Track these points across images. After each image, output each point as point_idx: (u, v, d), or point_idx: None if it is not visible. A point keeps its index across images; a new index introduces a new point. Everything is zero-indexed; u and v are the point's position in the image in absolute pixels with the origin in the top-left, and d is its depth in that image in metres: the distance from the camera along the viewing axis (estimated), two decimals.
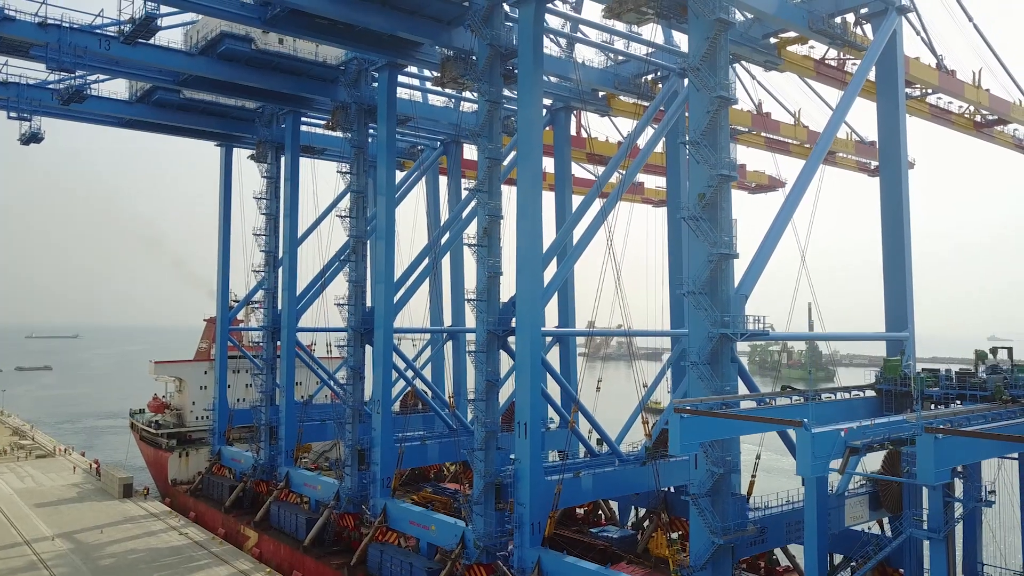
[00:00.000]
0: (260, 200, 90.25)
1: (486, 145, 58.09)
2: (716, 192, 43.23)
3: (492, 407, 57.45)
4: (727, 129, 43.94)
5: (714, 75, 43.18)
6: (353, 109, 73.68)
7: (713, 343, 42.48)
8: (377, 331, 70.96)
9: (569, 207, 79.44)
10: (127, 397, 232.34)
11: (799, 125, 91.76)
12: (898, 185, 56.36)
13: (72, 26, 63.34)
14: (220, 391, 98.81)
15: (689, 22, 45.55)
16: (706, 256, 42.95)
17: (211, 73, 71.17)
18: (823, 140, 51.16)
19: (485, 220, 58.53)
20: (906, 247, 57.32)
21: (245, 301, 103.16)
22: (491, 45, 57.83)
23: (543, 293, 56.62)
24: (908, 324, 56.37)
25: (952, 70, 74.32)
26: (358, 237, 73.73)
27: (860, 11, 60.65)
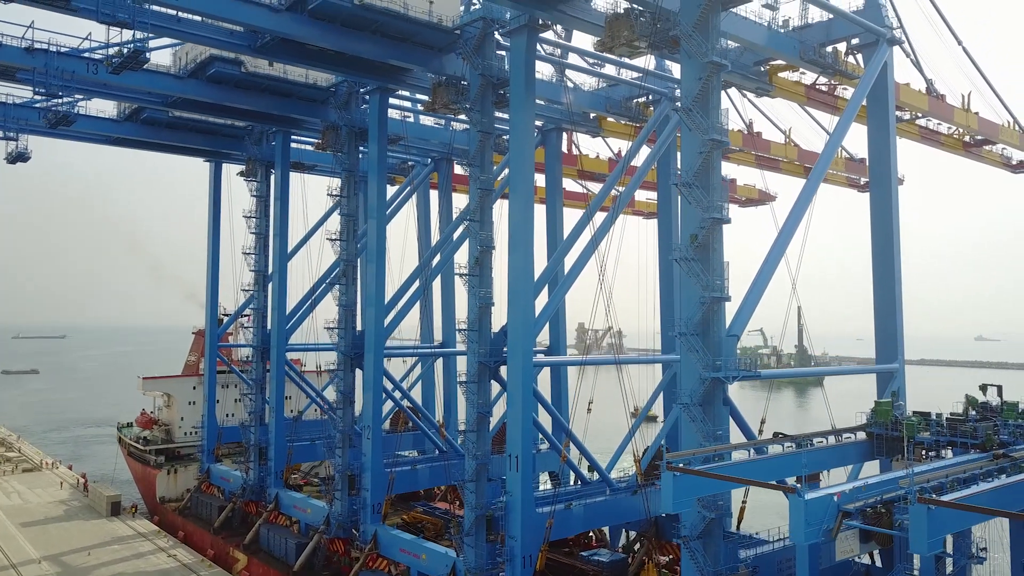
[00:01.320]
0: (249, 219, 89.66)
1: (478, 175, 57.88)
2: (708, 234, 43.19)
3: (483, 439, 57.30)
4: (719, 170, 43.92)
5: (707, 117, 43.12)
6: (344, 132, 73.30)
7: (705, 386, 42.50)
8: (367, 355, 70.62)
9: (561, 225, 79.36)
10: (115, 404, 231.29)
11: (789, 144, 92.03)
12: (888, 214, 56.81)
13: (59, 51, 62.82)
14: (209, 409, 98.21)
15: (681, 62, 45.51)
16: (698, 298, 42.93)
17: (200, 96, 70.64)
18: (814, 175, 51.18)
19: (477, 250, 58.35)
20: (896, 276, 57.68)
21: (234, 317, 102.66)
22: (483, 75, 57.63)
23: (535, 323, 56.57)
24: (898, 356, 56.69)
25: (942, 94, 74.65)
26: (348, 261, 73.36)
27: (851, 41, 60.85)
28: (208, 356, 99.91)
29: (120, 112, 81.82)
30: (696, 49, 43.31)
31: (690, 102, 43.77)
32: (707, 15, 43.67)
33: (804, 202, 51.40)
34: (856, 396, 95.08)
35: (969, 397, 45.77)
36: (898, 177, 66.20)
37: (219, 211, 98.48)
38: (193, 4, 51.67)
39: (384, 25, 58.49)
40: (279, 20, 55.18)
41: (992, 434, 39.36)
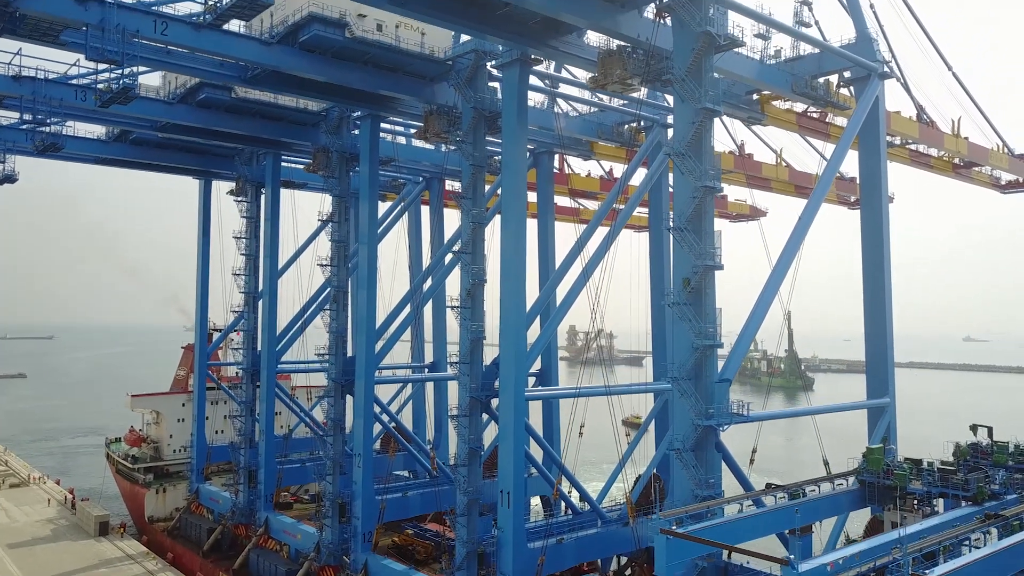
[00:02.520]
0: (240, 240, 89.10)
1: (470, 208, 57.66)
2: (701, 279, 43.13)
3: (474, 474, 57.10)
4: (712, 216, 43.86)
5: (700, 163, 43.04)
6: (335, 158, 72.88)
7: (698, 432, 42.45)
8: (358, 382, 70.24)
9: (552, 247, 79.35)
10: (103, 412, 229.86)
11: (780, 165, 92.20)
12: (880, 246, 56.79)
13: (47, 78, 62.27)
14: (198, 428, 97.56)
15: (674, 105, 45.42)
16: (691, 344, 42.86)
17: (190, 121, 70.13)
18: (805, 215, 51.12)
19: (469, 282, 58.14)
20: (887, 309, 57.79)
21: (223, 335, 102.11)
22: (475, 108, 57.41)
23: (527, 356, 56.42)
24: (889, 390, 56.83)
25: (932, 121, 74.98)
26: (339, 287, 72.99)
27: (843, 74, 60.95)
28: (197, 375, 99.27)
29: (109, 133, 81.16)
30: (689, 94, 43.23)
31: (683, 147, 43.67)
32: (700, 59, 43.56)
33: (796, 241, 51.48)
34: (846, 397, 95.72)
35: (960, 449, 45.87)
36: (888, 195, 66.54)
37: (209, 228, 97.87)
38: (183, 39, 51.20)
39: (376, 56, 58.29)
40: (270, 53, 54.85)
41: (983, 486, 39.46)
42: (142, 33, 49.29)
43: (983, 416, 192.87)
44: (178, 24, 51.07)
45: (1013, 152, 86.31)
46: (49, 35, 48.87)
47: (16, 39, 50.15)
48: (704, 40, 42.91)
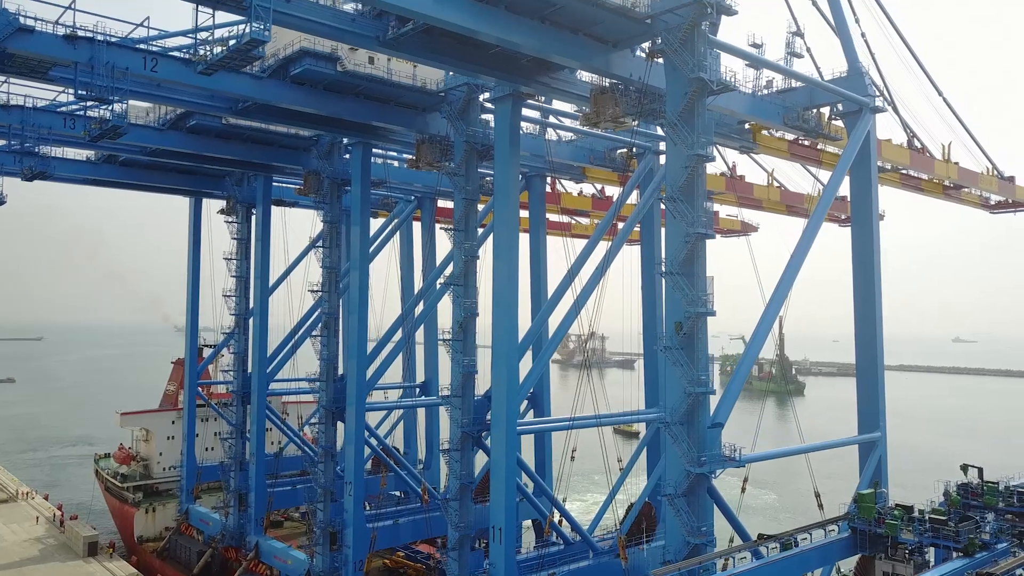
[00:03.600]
0: (230, 261, 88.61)
1: (462, 242, 57.47)
2: (693, 324, 43.10)
3: (466, 508, 56.94)
4: (704, 259, 43.80)
5: (692, 208, 43.00)
6: (326, 183, 72.56)
7: (690, 479, 42.43)
8: (349, 408, 70.00)
9: (544, 269, 79.35)
10: (93, 418, 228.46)
11: (772, 186, 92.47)
12: (872, 291, 56.89)
13: (36, 106, 61.79)
14: (188, 448, 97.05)
15: (667, 149, 45.36)
16: (683, 389, 42.83)
17: (180, 147, 69.73)
18: (795, 258, 51.13)
19: (461, 315, 57.97)
20: (878, 343, 57.90)
21: (214, 354, 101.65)
22: (468, 142, 57.23)
23: (519, 389, 56.24)
24: (880, 423, 56.96)
25: (923, 147, 75.29)
26: (330, 313, 72.66)
27: (835, 106, 61.03)
28: (187, 395, 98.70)
29: (98, 155, 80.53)
30: (682, 139, 43.18)
31: (675, 191, 43.61)
32: (693, 103, 43.52)
33: (791, 271, 51.61)
34: (836, 403, 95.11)
35: (952, 498, 46.01)
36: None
37: (199, 247, 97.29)
38: (173, 75, 50.83)
39: (368, 88, 58.01)
40: (261, 87, 54.55)
41: (974, 538, 39.59)
42: (132, 70, 48.91)
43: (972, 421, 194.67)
44: (168, 60, 50.74)
45: (1003, 175, 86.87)
46: (38, 72, 48.39)
47: (8, 74, 49.76)
48: (697, 86, 42.86)
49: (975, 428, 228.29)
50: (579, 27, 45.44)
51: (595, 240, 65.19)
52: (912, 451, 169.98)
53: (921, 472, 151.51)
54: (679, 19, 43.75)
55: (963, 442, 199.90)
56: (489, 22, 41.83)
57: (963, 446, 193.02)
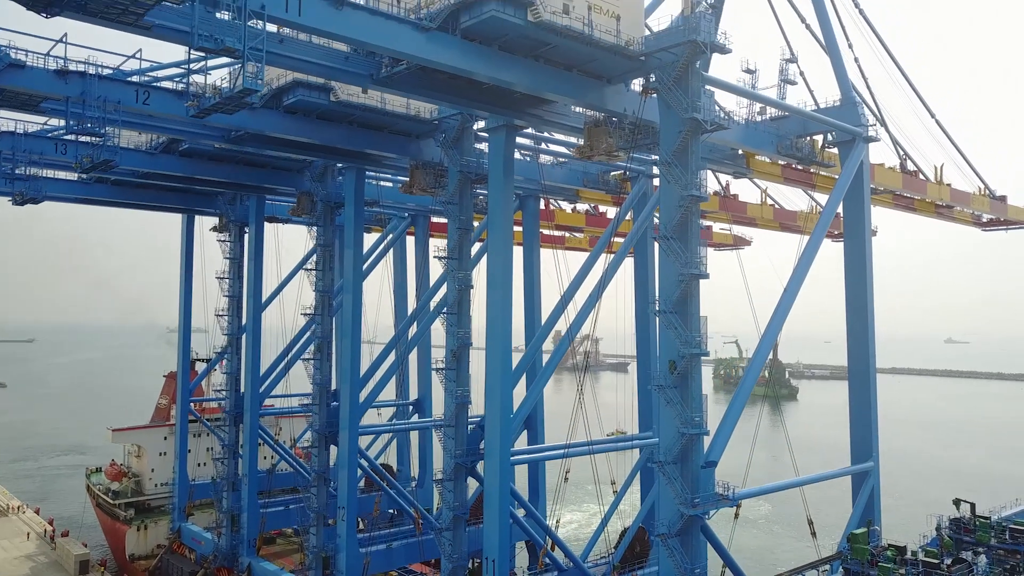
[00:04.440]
0: (222, 280, 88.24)
1: (456, 273, 57.34)
2: (687, 364, 43.09)
3: (459, 539, 56.81)
4: (698, 299, 43.77)
5: (686, 249, 42.97)
6: (319, 206, 72.33)
7: (684, 520, 42.42)
8: (342, 433, 69.80)
9: (538, 290, 79.18)
10: (85, 426, 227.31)
11: (765, 204, 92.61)
12: (865, 326, 57.11)
13: (27, 132, 61.46)
14: (180, 466, 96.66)
15: (661, 187, 45.31)
16: (676, 430, 42.82)
17: (173, 170, 69.44)
18: (788, 294, 51.22)
19: (454, 344, 57.84)
20: (871, 375, 58.08)
21: (206, 371, 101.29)
22: (462, 172, 57.11)
23: (513, 418, 56.14)
24: (873, 453, 57.10)
25: (915, 171, 75.53)
26: (323, 337, 72.43)
27: (828, 135, 61.15)
28: (180, 413, 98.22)
29: (89, 175, 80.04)
30: (676, 179, 43.15)
31: (669, 231, 43.58)
32: (687, 143, 43.50)
33: (784, 306, 51.85)
34: (829, 407, 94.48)
35: (945, 541, 46.07)
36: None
37: (191, 264, 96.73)
38: (165, 107, 50.59)
39: (361, 117, 57.81)
40: (255, 117, 54.27)
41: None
42: (124, 103, 48.69)
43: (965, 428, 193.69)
44: (160, 92, 50.51)
45: (994, 194, 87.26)
46: (29, 106, 48.13)
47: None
48: (691, 126, 42.86)
49: (966, 435, 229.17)
50: (573, 64, 45.39)
51: (588, 266, 65.21)
52: (905, 457, 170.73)
53: (912, 480, 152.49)
54: (673, 57, 43.76)
55: (954, 450, 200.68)
56: (482, 62, 41.74)
57: (954, 454, 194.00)
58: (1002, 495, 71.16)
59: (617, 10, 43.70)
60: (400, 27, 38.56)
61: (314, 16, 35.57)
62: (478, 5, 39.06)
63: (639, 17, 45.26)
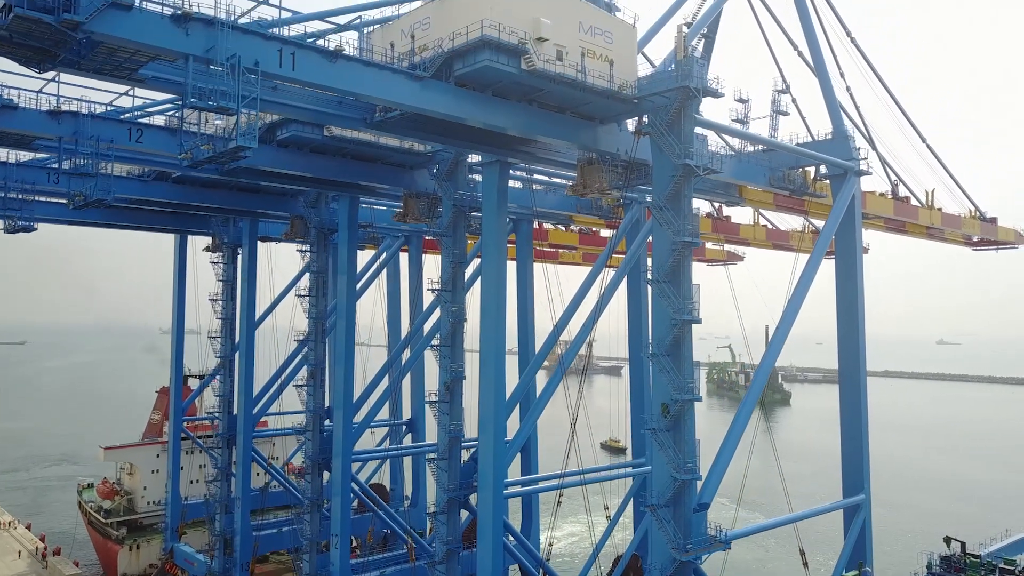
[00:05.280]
0: (215, 302, 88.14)
1: (449, 306, 57.40)
2: (680, 408, 43.28)
3: (452, 572, 56.89)
4: (690, 346, 43.97)
5: (679, 294, 43.16)
6: (313, 233, 72.30)
7: (676, 565, 42.61)
8: (335, 460, 69.77)
9: (532, 310, 79.48)
10: (77, 433, 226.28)
11: (758, 225, 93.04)
12: (856, 366, 57.35)
13: (19, 163, 61.32)
14: (173, 485, 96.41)
15: (654, 232, 45.49)
16: (669, 475, 43.01)
17: (166, 197, 69.30)
18: (780, 332, 51.49)
19: (447, 376, 57.90)
20: (863, 407, 58.37)
21: (198, 391, 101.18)
22: (456, 205, 57.18)
23: (507, 451, 56.20)
24: (864, 485, 57.40)
25: (906, 197, 76.05)
26: (317, 364, 72.40)
27: (820, 168, 61.47)
28: (173, 432, 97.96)
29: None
30: (668, 224, 43.34)
31: (661, 274, 43.76)
32: (679, 188, 43.69)
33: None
34: (822, 412, 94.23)
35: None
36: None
37: (184, 284, 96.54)
38: (158, 145, 50.64)
39: (355, 150, 57.82)
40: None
41: None
42: (117, 141, 48.69)
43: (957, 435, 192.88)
44: (153, 130, 50.49)
45: (984, 216, 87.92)
46: (21, 145, 48.11)
47: None
48: (683, 171, 43.05)
49: (956, 443, 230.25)
50: (566, 106, 45.55)
51: (581, 296, 65.43)
52: (895, 464, 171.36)
53: (902, 491, 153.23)
54: (666, 101, 43.94)
55: (943, 457, 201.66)
56: (475, 108, 41.86)
57: (943, 461, 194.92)
58: (993, 505, 71.56)
59: (610, 54, 43.91)
60: (394, 77, 38.66)
61: (308, 70, 35.61)
62: (472, 54, 39.17)
63: (632, 61, 45.47)
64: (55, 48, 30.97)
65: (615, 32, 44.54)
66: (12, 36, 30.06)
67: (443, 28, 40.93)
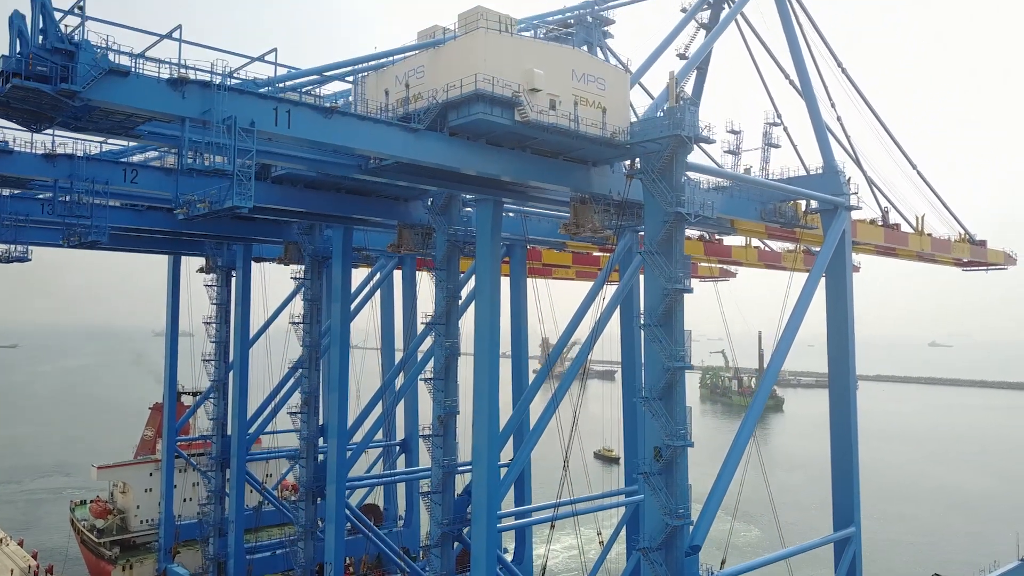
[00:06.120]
0: (209, 325, 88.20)
1: (443, 341, 57.70)
2: (671, 454, 43.70)
3: None
4: (683, 388, 44.40)
5: (671, 341, 43.58)
6: (307, 260, 72.52)
7: None
8: (329, 487, 69.98)
9: (525, 335, 79.80)
10: (70, 442, 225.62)
11: (749, 247, 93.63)
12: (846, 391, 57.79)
13: (12, 195, 61.31)
14: (166, 508, 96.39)
15: (646, 276, 45.89)
16: (660, 519, 43.43)
17: (158, 226, 69.50)
18: (770, 373, 51.97)
19: (440, 411, 58.19)
20: (853, 439, 58.89)
21: (192, 411, 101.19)
22: (450, 240, 57.49)
23: (500, 484, 56.49)
24: (855, 518, 57.93)
25: (896, 224, 76.77)
26: (311, 392, 72.58)
27: (810, 203, 62.00)
28: (166, 452, 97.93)
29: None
30: (660, 271, 43.76)
31: (653, 319, 44.18)
32: (671, 234, 44.11)
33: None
34: (814, 418, 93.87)
35: None
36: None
37: (178, 305, 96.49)
38: (153, 185, 50.92)
39: (348, 184, 58.05)
40: None
41: None
42: (112, 183, 48.87)
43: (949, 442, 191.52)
44: (148, 170, 50.69)
45: (974, 239, 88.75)
46: (17, 186, 48.28)
47: None
48: (675, 219, 43.49)
49: (946, 453, 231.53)
50: (559, 152, 45.95)
51: (572, 329, 65.89)
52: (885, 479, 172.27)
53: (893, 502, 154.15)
54: (658, 147, 44.35)
55: (934, 468, 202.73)
56: (469, 157, 42.27)
57: (935, 473, 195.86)
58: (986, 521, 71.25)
59: (603, 101, 44.32)
60: (389, 130, 39.01)
61: (304, 127, 35.93)
62: (466, 106, 39.54)
63: (625, 106, 45.94)
64: (52, 112, 31.22)
65: (608, 78, 44.97)
66: (10, 102, 30.29)
67: (437, 77, 41.29)
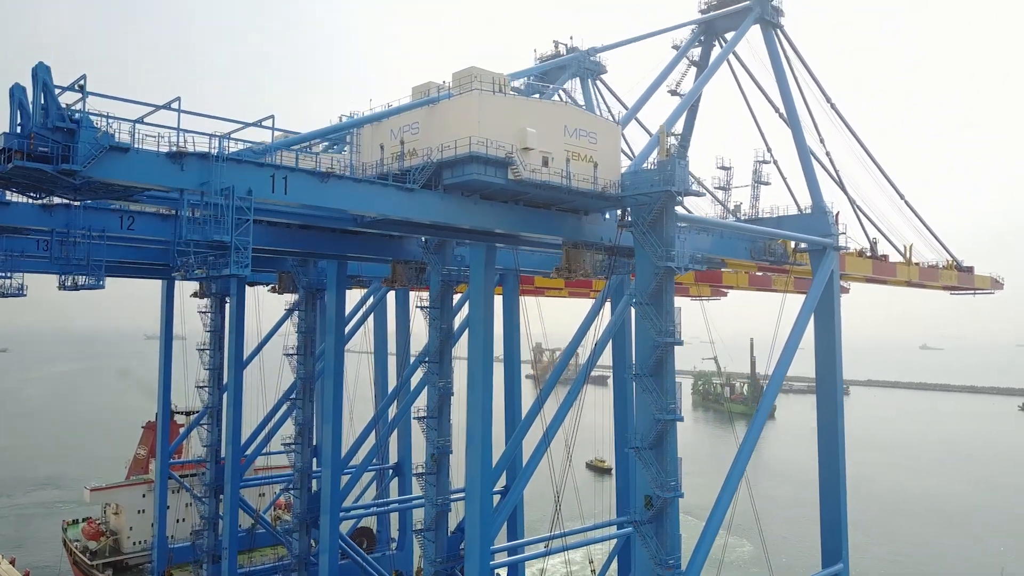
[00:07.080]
0: (203, 351, 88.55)
1: (436, 380, 58.25)
2: (662, 504, 44.39)
3: None
4: (675, 443, 45.05)
5: (662, 392, 44.28)
6: (301, 293, 72.99)
7: None
8: (323, 517, 70.46)
9: (519, 366, 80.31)
10: (62, 452, 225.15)
11: (740, 273, 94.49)
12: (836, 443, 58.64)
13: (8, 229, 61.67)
14: (160, 530, 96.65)
15: (636, 326, 46.61)
16: (652, 568, 44.11)
17: (154, 261, 69.97)
18: (760, 414, 52.79)
19: (433, 450, 58.74)
20: (841, 479, 59.71)
21: (186, 432, 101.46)
22: (444, 279, 58.06)
23: (494, 520, 57.07)
24: (843, 555, 58.74)
25: (884, 255, 77.76)
26: (304, 423, 73.04)
27: (799, 243, 62.86)
28: (160, 475, 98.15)
29: None
30: (651, 323, 44.45)
31: (644, 369, 44.86)
32: (662, 287, 44.81)
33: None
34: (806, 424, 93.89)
35: None
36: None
37: (171, 329, 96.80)
38: (149, 231, 51.37)
39: (342, 225, 58.47)
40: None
41: None
42: (108, 230, 49.34)
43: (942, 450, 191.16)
44: (144, 217, 51.12)
45: (961, 265, 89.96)
46: (13, 235, 48.66)
47: None
48: (665, 272, 44.20)
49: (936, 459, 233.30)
50: (551, 204, 46.60)
51: (568, 355, 66.61)
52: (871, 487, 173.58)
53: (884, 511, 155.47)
54: (648, 200, 45.04)
55: (923, 477, 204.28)
56: (462, 213, 42.83)
57: (924, 486, 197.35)
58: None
59: (595, 155, 45.00)
60: (384, 191, 39.56)
61: (301, 193, 36.48)
62: (460, 166, 40.14)
63: (616, 158, 46.60)
64: (52, 187, 31.73)
65: (599, 132, 45.65)
66: (11, 178, 30.79)
67: (432, 135, 41.91)
